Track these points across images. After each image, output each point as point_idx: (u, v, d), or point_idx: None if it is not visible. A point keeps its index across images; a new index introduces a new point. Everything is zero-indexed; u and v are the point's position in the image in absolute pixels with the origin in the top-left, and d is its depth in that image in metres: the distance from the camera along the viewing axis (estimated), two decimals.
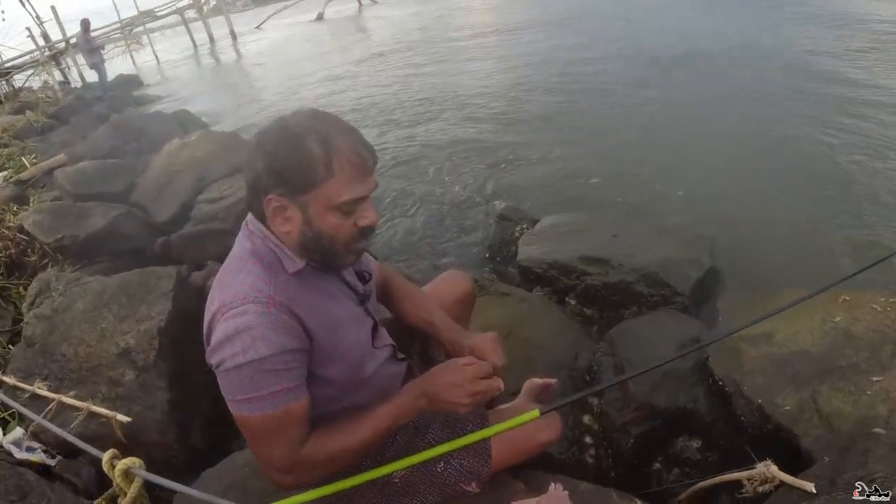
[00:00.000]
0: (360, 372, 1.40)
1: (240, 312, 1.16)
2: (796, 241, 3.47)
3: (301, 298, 1.24)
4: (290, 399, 1.20)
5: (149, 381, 2.43)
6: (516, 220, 3.75)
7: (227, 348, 1.16)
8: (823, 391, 2.01)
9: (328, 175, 1.15)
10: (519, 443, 1.61)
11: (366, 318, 1.44)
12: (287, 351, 1.18)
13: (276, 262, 1.25)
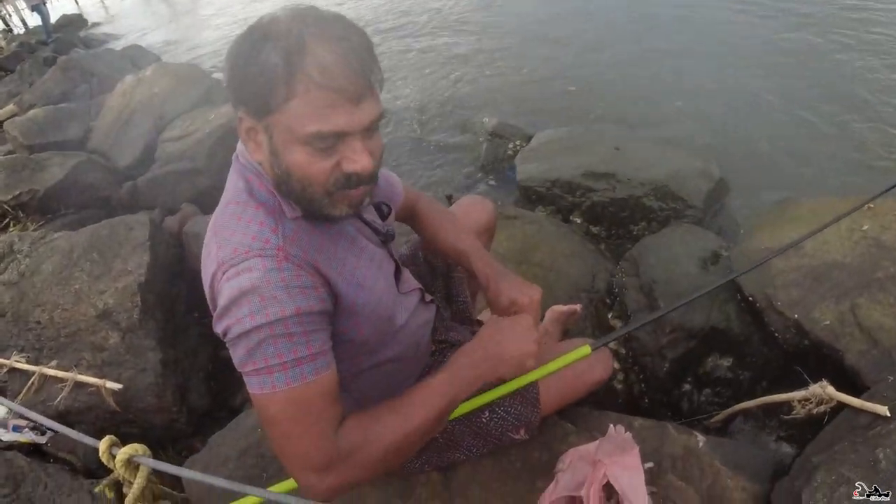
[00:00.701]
0: (390, 325, 1.21)
1: (244, 269, 0.94)
2: (802, 147, 3.30)
3: (317, 247, 1.03)
4: (313, 370, 0.96)
5: (136, 342, 2.23)
6: (509, 137, 3.52)
7: (233, 312, 0.93)
8: (863, 304, 1.89)
9: (289, 96, 0.89)
10: (568, 383, 1.48)
11: (388, 261, 1.24)
12: (305, 313, 0.95)
13: (277, 204, 1.02)
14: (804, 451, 1.53)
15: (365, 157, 0.94)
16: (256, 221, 0.99)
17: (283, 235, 0.98)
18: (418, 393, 1.09)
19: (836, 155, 3.16)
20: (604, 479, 1.31)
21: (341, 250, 1.09)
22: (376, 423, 1.04)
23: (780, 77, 3.89)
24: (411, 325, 1.29)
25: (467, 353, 1.15)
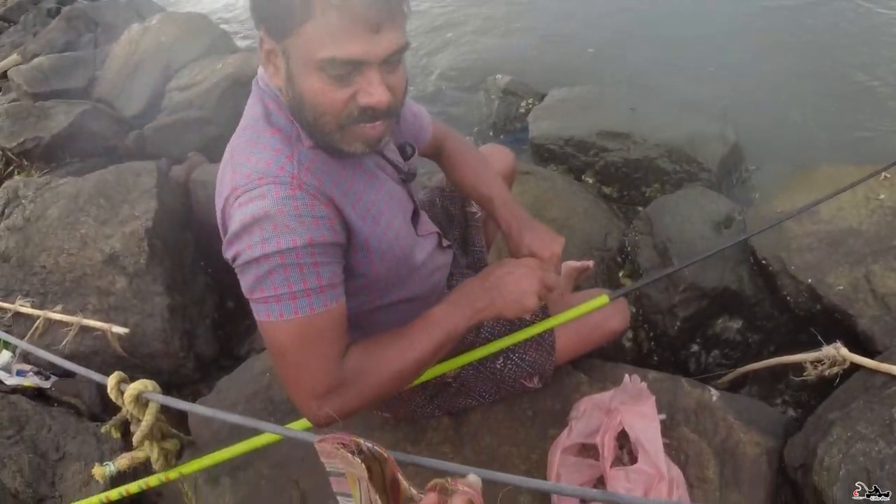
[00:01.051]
0: (406, 264, 1.19)
1: (257, 196, 0.93)
2: (821, 115, 3.21)
3: (333, 178, 1.01)
4: (322, 301, 0.96)
5: (143, 287, 2.22)
6: (521, 95, 3.46)
7: (244, 239, 0.93)
8: (877, 271, 1.88)
9: (305, 16, 0.85)
10: (585, 332, 1.48)
11: (407, 200, 1.22)
12: (317, 244, 0.95)
13: (294, 131, 1.00)
14: (817, 409, 1.53)
15: (381, 90, 0.90)
16: (272, 148, 0.97)
17: (298, 163, 0.97)
18: (418, 324, 1.09)
19: (856, 124, 3.10)
20: (619, 426, 1.31)
21: (359, 183, 1.07)
22: (377, 353, 1.05)
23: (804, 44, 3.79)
24: (428, 267, 1.28)
25: (467, 287, 1.14)
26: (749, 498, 1.36)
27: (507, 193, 1.39)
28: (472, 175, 1.43)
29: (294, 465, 1.61)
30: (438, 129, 1.45)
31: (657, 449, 1.27)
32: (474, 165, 1.45)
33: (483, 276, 1.15)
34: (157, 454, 1.31)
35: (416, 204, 1.26)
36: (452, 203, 1.67)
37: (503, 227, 1.35)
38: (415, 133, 1.35)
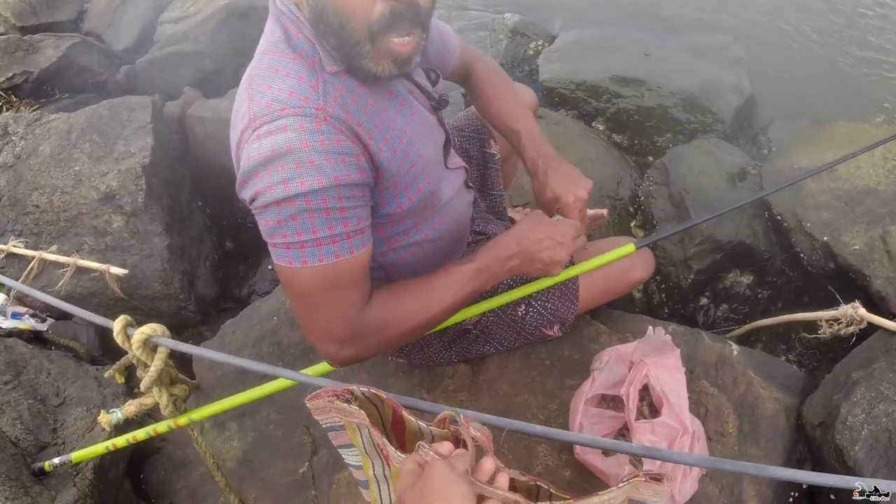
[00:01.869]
0: (434, 199, 1.15)
1: (279, 128, 0.86)
2: (842, 72, 3.14)
3: (359, 104, 0.95)
4: (348, 248, 0.93)
5: (141, 226, 2.16)
6: (531, 36, 3.34)
7: (264, 177, 0.87)
8: (893, 232, 1.87)
9: None
10: (609, 281, 1.46)
11: (439, 128, 1.17)
12: (344, 185, 0.89)
13: (317, 55, 0.93)
14: (835, 367, 1.54)
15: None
16: (295, 75, 0.91)
17: (323, 92, 0.90)
18: (444, 278, 1.07)
19: (878, 82, 3.04)
20: (644, 379, 1.30)
21: (389, 111, 1.01)
22: (400, 304, 1.03)
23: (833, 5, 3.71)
24: (455, 204, 1.24)
25: (500, 245, 1.11)
26: (767, 453, 1.38)
27: (536, 128, 1.33)
28: (500, 105, 1.35)
29: (303, 410, 1.59)
30: (467, 52, 1.37)
31: (682, 403, 1.27)
32: (504, 95, 1.36)
33: (515, 237, 1.12)
34: (165, 400, 1.28)
35: (448, 132, 1.21)
36: (471, 143, 1.62)
37: (529, 166, 1.30)
38: (441, 56, 1.28)
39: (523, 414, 1.45)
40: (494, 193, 1.63)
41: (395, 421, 0.91)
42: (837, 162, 1.80)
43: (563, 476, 1.36)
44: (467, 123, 1.61)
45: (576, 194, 1.24)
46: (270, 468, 1.53)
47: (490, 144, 1.61)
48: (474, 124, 1.60)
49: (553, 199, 1.24)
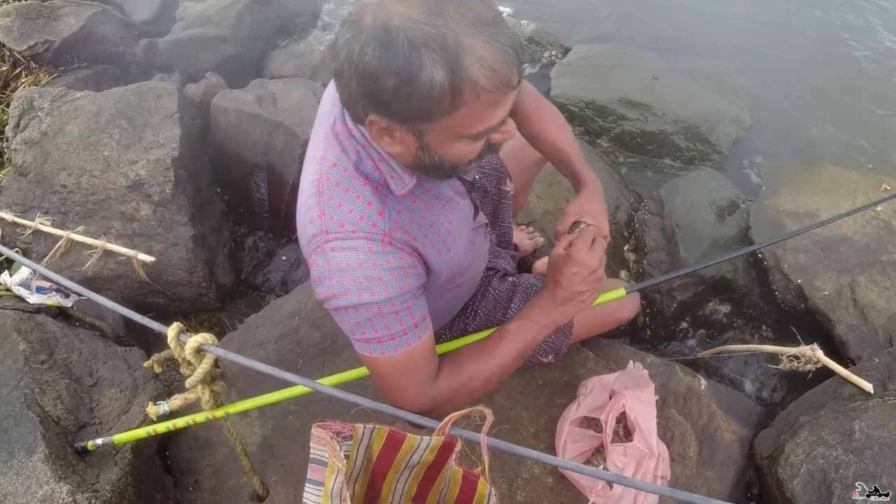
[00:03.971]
0: (461, 269, 1.37)
1: (351, 247, 1.04)
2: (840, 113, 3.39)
3: (415, 223, 1.14)
4: (416, 336, 1.14)
5: (168, 216, 2.40)
6: (545, 45, 3.60)
7: (339, 283, 1.05)
8: (862, 282, 2.17)
9: (455, 107, 0.88)
10: (599, 319, 1.74)
11: (470, 209, 1.35)
12: (407, 291, 1.10)
13: (384, 181, 1.08)
14: (789, 407, 1.84)
15: (512, 125, 0.99)
16: (364, 200, 1.06)
17: (389, 219, 1.07)
18: (498, 340, 1.28)
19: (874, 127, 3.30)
20: (621, 408, 1.60)
21: (437, 215, 1.19)
22: (465, 371, 1.25)
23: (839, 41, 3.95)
24: (475, 259, 1.45)
25: (544, 302, 1.29)
26: (720, 476, 1.69)
27: (580, 151, 1.51)
28: (551, 129, 1.49)
29: (320, 403, 1.88)
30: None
31: (651, 430, 1.57)
32: (553, 120, 1.51)
33: (554, 293, 1.28)
34: (208, 396, 1.49)
35: (477, 206, 1.39)
36: (489, 180, 1.83)
37: (575, 182, 1.46)
38: None
39: (516, 425, 1.75)
40: (504, 225, 1.88)
41: (387, 445, 1.14)
42: (827, 222, 2.04)
43: (546, 483, 1.66)
44: (487, 162, 1.82)
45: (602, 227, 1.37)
46: (290, 455, 1.80)
47: (506, 182, 1.84)
48: (494, 163, 1.82)
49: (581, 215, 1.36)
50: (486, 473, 1.10)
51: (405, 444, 1.15)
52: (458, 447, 1.13)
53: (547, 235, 2.35)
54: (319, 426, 1.10)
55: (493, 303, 1.64)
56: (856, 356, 1.99)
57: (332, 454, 1.08)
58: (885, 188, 2.58)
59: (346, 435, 1.10)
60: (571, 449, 1.61)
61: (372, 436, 1.13)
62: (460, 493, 1.18)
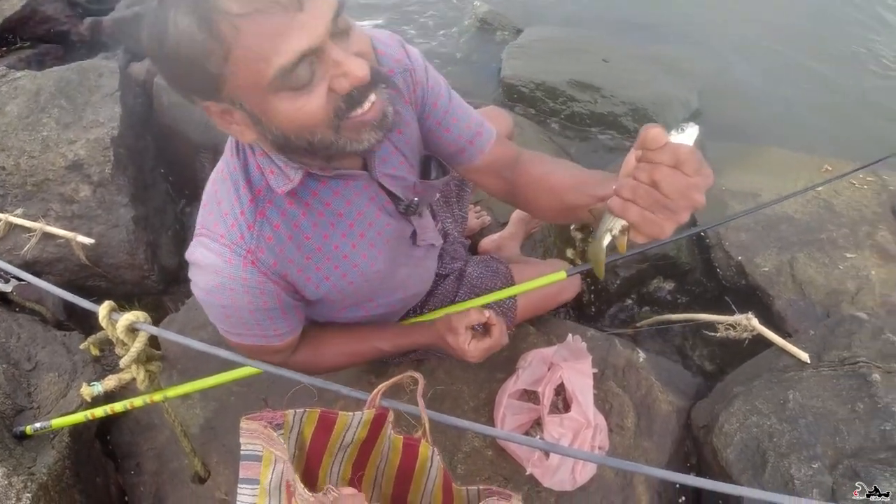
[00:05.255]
0: (384, 288, 1.29)
1: (215, 251, 0.99)
2: (785, 97, 3.48)
3: (295, 242, 1.04)
4: (267, 341, 1.13)
5: (108, 197, 2.34)
6: (497, 27, 3.60)
7: (198, 275, 1.03)
8: (801, 258, 2.22)
9: (226, 53, 0.75)
10: (542, 301, 1.75)
11: (403, 230, 1.25)
12: (259, 309, 1.06)
13: (265, 184, 0.99)
14: (726, 378, 1.86)
15: (353, 62, 0.79)
16: (236, 209, 0.99)
17: (259, 235, 1.00)
18: (369, 334, 1.33)
19: (818, 110, 3.38)
20: (559, 380, 1.61)
21: (330, 234, 1.08)
22: (325, 351, 1.29)
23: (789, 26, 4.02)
24: (412, 277, 1.38)
25: (424, 333, 1.37)
26: (658, 446, 1.71)
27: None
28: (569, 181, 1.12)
29: (262, 384, 1.86)
30: (508, 150, 1.26)
31: (588, 402, 1.58)
32: (573, 173, 1.14)
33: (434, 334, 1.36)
34: (143, 376, 1.46)
35: (416, 227, 1.28)
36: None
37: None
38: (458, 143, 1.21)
39: (457, 400, 1.75)
40: (460, 214, 1.87)
41: (319, 427, 1.13)
42: (772, 203, 2.09)
43: (486, 455, 1.66)
44: None
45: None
46: (231, 435, 1.77)
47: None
48: None
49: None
50: (428, 435, 1.09)
51: (337, 424, 1.13)
52: (391, 418, 1.13)
53: (494, 214, 2.35)
54: (249, 418, 1.07)
55: (439, 301, 1.63)
56: (794, 330, 2.03)
57: (267, 444, 1.06)
58: (826, 169, 2.63)
59: (277, 423, 1.07)
60: (510, 421, 1.61)
61: (303, 421, 1.11)
62: (402, 460, 1.16)
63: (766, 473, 1.52)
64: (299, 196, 1.02)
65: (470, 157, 1.22)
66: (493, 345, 1.34)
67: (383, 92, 0.88)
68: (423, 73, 1.12)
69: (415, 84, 1.12)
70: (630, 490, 1.62)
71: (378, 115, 0.86)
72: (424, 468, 1.14)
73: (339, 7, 0.78)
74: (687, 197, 0.69)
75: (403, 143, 1.15)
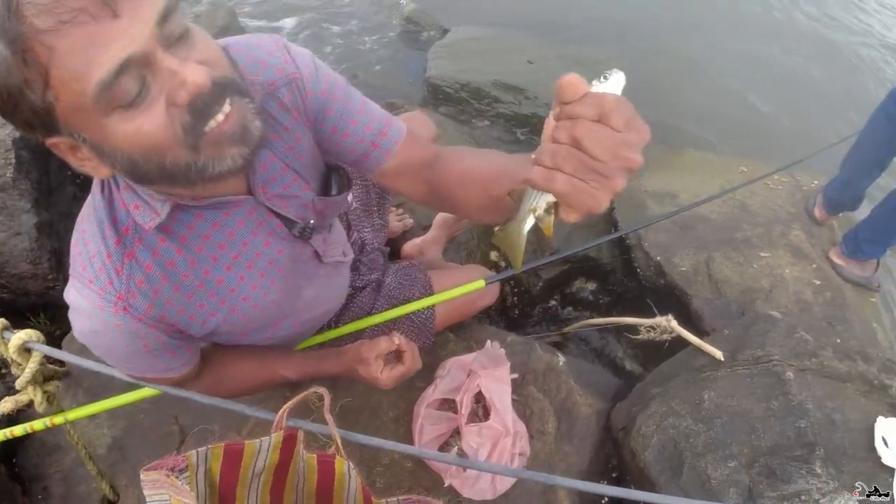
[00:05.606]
0: (285, 310, 1.18)
1: (85, 297, 0.92)
2: (704, 99, 3.56)
3: (170, 282, 0.95)
4: (161, 374, 1.07)
5: (10, 202, 2.18)
6: (424, 26, 3.57)
7: (73, 317, 0.96)
8: (717, 258, 2.27)
9: (44, 73, 0.65)
10: (461, 309, 1.72)
11: (300, 253, 1.16)
12: (136, 352, 0.99)
13: (132, 222, 0.91)
14: (645, 379, 1.88)
15: (187, 68, 0.70)
16: (103, 253, 0.91)
17: (127, 280, 0.91)
18: (274, 362, 1.28)
19: (735, 113, 3.48)
20: (476, 387, 1.58)
21: (215, 271, 1.00)
22: (228, 378, 1.24)
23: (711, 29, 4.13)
24: (320, 296, 1.29)
25: (333, 363, 1.32)
26: (578, 450, 1.70)
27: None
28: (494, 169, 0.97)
29: (172, 400, 1.76)
30: (419, 148, 1.09)
31: (506, 409, 1.56)
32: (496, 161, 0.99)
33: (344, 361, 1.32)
34: (40, 398, 1.37)
35: (317, 247, 1.19)
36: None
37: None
38: (360, 146, 1.06)
39: (376, 411, 1.70)
40: (380, 222, 1.80)
41: (227, 461, 1.06)
42: (691, 206, 2.14)
43: (405, 467, 1.61)
44: None
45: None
46: (140, 455, 1.68)
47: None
48: None
49: None
50: (341, 450, 1.05)
51: (245, 453, 1.06)
52: (301, 437, 1.08)
53: (415, 217, 2.31)
54: (148, 469, 0.98)
55: (355, 314, 1.56)
56: (711, 328, 2.07)
57: (174, 493, 0.98)
58: (742, 170, 2.70)
59: (180, 468, 0.99)
60: (428, 431, 1.58)
61: (208, 458, 1.03)
62: (319, 478, 1.11)
63: (684, 474, 1.53)
64: (173, 231, 0.93)
65: (376, 160, 1.07)
66: (406, 371, 1.30)
67: (240, 103, 0.78)
68: (312, 78, 1.01)
69: (303, 93, 1.00)
70: (552, 494, 1.61)
71: (236, 127, 0.76)
72: (343, 484, 1.10)
73: (167, 10, 0.69)
74: (618, 156, 0.57)
75: (294, 158, 1.04)
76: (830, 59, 4.17)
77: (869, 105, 2.39)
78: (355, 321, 1.52)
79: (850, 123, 3.26)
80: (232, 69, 0.79)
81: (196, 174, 0.77)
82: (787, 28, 4.38)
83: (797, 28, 4.41)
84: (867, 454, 1.51)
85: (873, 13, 4.98)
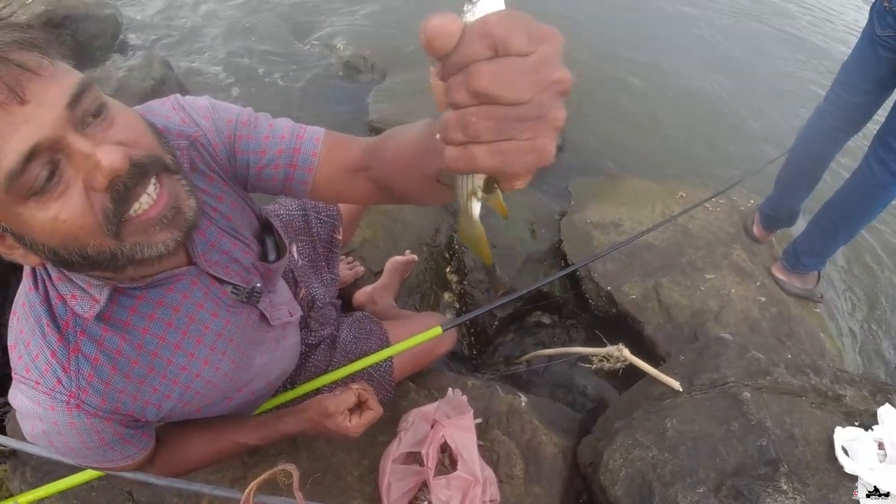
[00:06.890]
0: (239, 378, 1.12)
1: (32, 399, 0.85)
2: (640, 130, 3.61)
3: (120, 372, 0.90)
4: (117, 463, 1.00)
5: None
6: (363, 70, 3.54)
7: (22, 421, 0.89)
8: (665, 283, 2.27)
9: None
10: (419, 357, 1.67)
11: (248, 317, 1.10)
12: (97, 445, 0.92)
13: (71, 314, 0.85)
14: (606, 412, 1.85)
15: (100, 150, 0.66)
16: (49, 349, 0.85)
17: (76, 377, 0.86)
18: (231, 431, 1.20)
19: (668, 140, 3.54)
20: (441, 438, 1.52)
21: (164, 354, 0.95)
22: (183, 454, 1.16)
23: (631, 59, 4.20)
24: (271, 362, 1.24)
25: (294, 422, 1.24)
26: (548, 490, 1.65)
27: None
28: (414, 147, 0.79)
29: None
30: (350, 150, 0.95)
31: (473, 458, 1.50)
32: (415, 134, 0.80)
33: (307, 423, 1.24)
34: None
35: (263, 310, 1.14)
36: (323, 226, 1.69)
37: None
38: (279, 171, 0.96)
39: (339, 471, 1.61)
40: (330, 276, 1.74)
41: None
42: (640, 236, 2.14)
43: None
44: (325, 206, 1.68)
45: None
46: None
47: (338, 230, 1.72)
48: (331, 209, 1.69)
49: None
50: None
51: None
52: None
53: (366, 264, 2.26)
54: None
55: (311, 373, 1.50)
56: (665, 354, 2.06)
57: None
58: (681, 195, 2.74)
59: None
60: (396, 488, 1.50)
61: None
62: None
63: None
64: (114, 318, 0.88)
65: (301, 181, 0.95)
66: (374, 416, 1.25)
67: (170, 181, 0.74)
68: (214, 129, 0.93)
69: (210, 148, 0.93)
70: None
71: (165, 210, 0.72)
72: None
73: (80, 89, 0.66)
74: (541, 83, 0.41)
75: (223, 221, 0.99)
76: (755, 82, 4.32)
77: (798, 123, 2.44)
78: (312, 380, 1.45)
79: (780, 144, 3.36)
80: (157, 145, 0.75)
81: (124, 260, 0.74)
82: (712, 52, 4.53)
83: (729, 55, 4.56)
84: (829, 465, 1.50)
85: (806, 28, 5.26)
